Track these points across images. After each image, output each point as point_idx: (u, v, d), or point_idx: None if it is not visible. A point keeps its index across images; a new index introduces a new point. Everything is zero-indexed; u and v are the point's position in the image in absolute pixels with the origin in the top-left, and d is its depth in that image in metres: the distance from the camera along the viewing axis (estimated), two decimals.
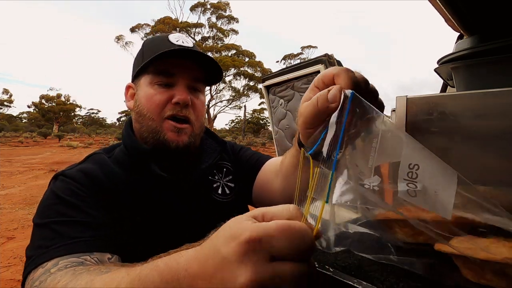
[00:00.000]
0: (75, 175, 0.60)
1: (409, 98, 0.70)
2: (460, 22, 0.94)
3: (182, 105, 0.65)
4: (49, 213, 0.54)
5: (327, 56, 1.35)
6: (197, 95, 0.70)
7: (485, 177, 0.53)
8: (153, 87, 0.66)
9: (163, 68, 0.66)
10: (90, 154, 0.71)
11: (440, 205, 0.27)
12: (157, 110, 0.65)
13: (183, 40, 0.68)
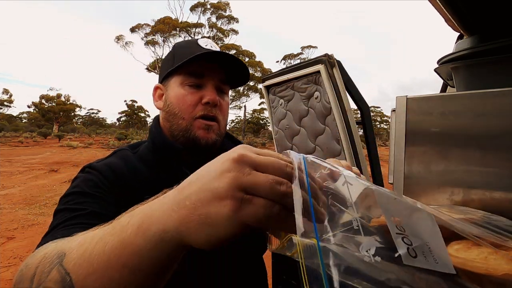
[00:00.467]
0: (101, 168, 0.63)
1: (409, 98, 0.70)
2: (460, 22, 0.94)
3: (212, 105, 0.69)
4: (67, 200, 0.56)
5: (327, 56, 1.35)
6: (223, 96, 0.74)
7: (485, 176, 0.53)
8: (183, 88, 0.70)
9: (194, 70, 0.70)
10: (116, 150, 0.73)
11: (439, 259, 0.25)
12: (188, 110, 0.69)
13: (211, 44, 0.73)
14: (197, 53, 0.66)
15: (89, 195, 0.57)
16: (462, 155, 0.52)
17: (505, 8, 0.81)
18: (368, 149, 1.44)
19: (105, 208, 0.56)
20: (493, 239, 0.29)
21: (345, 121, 1.35)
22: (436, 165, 0.59)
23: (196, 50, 0.68)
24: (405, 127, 0.65)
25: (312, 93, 1.53)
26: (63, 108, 42.29)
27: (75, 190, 0.58)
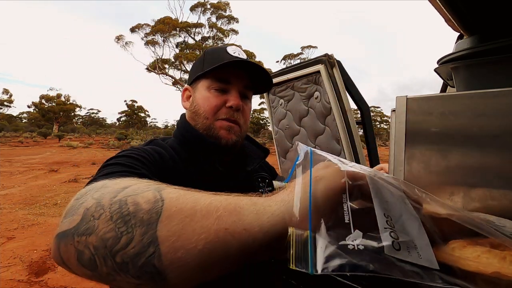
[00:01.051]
0: (147, 149, 0.63)
1: (409, 98, 0.70)
2: (460, 22, 0.94)
3: (235, 109, 0.74)
4: (116, 160, 0.54)
5: (327, 56, 1.35)
6: (246, 102, 0.79)
7: (485, 176, 0.53)
8: (209, 91, 0.75)
9: (221, 76, 0.74)
10: (151, 140, 0.75)
11: (423, 255, 0.27)
12: (213, 111, 0.74)
13: (239, 52, 0.77)
14: (225, 61, 0.71)
15: (140, 161, 0.56)
16: (462, 155, 0.52)
17: (505, 8, 0.81)
18: (368, 149, 1.44)
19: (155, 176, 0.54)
20: (492, 239, 0.29)
21: (345, 121, 1.35)
22: (436, 165, 0.59)
23: (225, 57, 0.73)
24: (405, 127, 0.65)
25: (312, 93, 1.53)
26: (63, 108, 42.28)
27: (125, 153, 0.58)
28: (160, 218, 0.30)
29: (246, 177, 0.81)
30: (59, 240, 0.32)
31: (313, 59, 1.44)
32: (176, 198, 0.33)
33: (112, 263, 0.29)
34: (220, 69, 0.73)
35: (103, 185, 0.36)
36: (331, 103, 1.38)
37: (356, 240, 0.27)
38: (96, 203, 0.32)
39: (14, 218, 4.32)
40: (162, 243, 0.29)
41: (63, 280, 2.70)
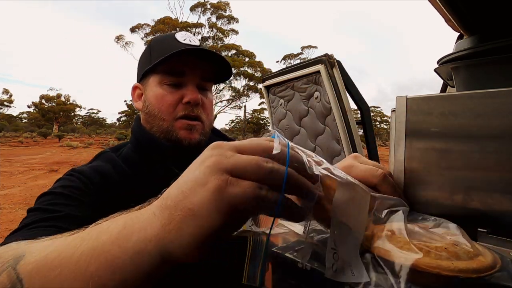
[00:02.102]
0: (87, 171, 0.60)
1: (409, 98, 0.70)
2: (460, 22, 0.94)
3: (193, 104, 0.66)
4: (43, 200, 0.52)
5: (327, 56, 1.35)
6: (206, 94, 0.71)
7: (485, 176, 0.53)
8: (162, 87, 0.66)
9: (173, 68, 0.66)
10: (100, 153, 0.71)
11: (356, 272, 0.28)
12: (169, 110, 0.66)
13: (190, 38, 0.68)
14: (174, 50, 0.62)
15: (67, 197, 0.53)
16: (462, 155, 0.52)
17: (505, 8, 0.81)
18: (368, 149, 1.44)
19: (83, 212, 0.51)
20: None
21: (345, 121, 1.35)
22: (436, 165, 0.59)
23: (174, 46, 0.64)
24: (405, 127, 0.65)
25: (312, 93, 1.53)
26: (63, 108, 42.29)
27: (53, 190, 0.54)
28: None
29: None
30: None
31: (313, 59, 1.44)
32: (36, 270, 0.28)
33: None
34: (170, 60, 0.64)
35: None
36: (331, 103, 1.38)
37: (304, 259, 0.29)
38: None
39: (14, 218, 4.32)
40: None
41: None
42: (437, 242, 0.30)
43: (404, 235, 0.31)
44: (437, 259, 0.27)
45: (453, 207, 0.61)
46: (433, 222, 0.38)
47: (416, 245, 0.29)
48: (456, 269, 0.26)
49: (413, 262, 0.26)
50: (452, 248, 0.28)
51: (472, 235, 0.53)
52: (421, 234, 0.32)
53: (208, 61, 0.68)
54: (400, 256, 0.28)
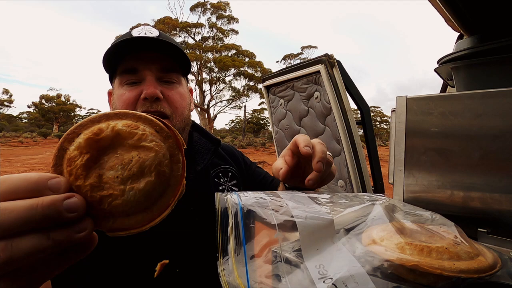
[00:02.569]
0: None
1: (409, 98, 0.70)
2: (460, 22, 0.94)
3: (151, 99, 0.61)
4: None
5: (327, 56, 1.35)
6: (171, 86, 0.66)
7: (485, 176, 0.53)
8: (123, 87, 0.64)
9: (127, 66, 0.63)
10: None
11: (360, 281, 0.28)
12: (129, 109, 0.65)
13: (146, 31, 0.63)
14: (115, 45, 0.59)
15: None
16: (462, 155, 0.52)
17: (505, 8, 0.81)
18: (368, 149, 1.44)
19: None
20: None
21: (345, 121, 1.35)
22: (436, 165, 0.59)
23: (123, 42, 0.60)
24: (405, 127, 0.65)
25: (312, 93, 1.53)
26: (63, 108, 42.28)
27: None
28: None
29: (198, 177, 0.70)
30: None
31: (313, 59, 1.44)
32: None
33: None
34: (124, 59, 0.61)
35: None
36: (331, 103, 1.38)
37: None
38: None
39: None
40: None
41: None
42: (437, 242, 0.30)
43: (405, 235, 0.31)
44: (438, 260, 0.27)
45: (453, 207, 0.61)
46: (429, 218, 0.38)
47: (417, 246, 0.29)
48: (457, 269, 0.26)
49: (416, 263, 0.26)
50: (453, 248, 0.29)
51: (472, 235, 0.53)
52: (420, 233, 0.32)
53: (165, 52, 0.64)
54: (402, 257, 0.28)
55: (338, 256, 0.29)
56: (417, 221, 0.37)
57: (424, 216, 0.38)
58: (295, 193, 0.40)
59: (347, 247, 0.30)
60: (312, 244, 0.30)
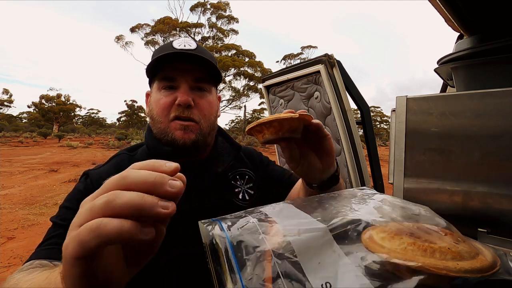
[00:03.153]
0: (95, 176, 0.67)
1: (409, 98, 0.70)
2: (460, 22, 0.94)
3: (184, 106, 0.69)
4: (59, 213, 0.62)
5: (327, 56, 1.35)
6: (202, 94, 0.73)
7: (485, 176, 0.53)
8: (160, 92, 0.72)
9: (166, 74, 0.71)
10: (115, 155, 0.77)
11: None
12: (164, 113, 0.70)
13: (186, 43, 0.72)
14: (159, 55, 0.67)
15: (73, 210, 0.60)
16: (462, 155, 0.52)
17: (505, 8, 0.81)
18: (368, 149, 1.44)
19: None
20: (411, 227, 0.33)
21: (345, 121, 1.35)
22: (436, 165, 0.59)
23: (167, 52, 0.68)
24: (405, 127, 0.65)
25: (312, 93, 1.53)
26: (63, 108, 42.27)
27: (65, 204, 0.63)
28: None
29: (218, 179, 0.77)
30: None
31: (313, 59, 1.44)
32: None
33: None
34: (164, 66, 0.70)
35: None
36: (331, 103, 1.38)
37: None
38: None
39: (14, 218, 4.31)
40: None
41: None
42: (438, 242, 0.30)
43: (405, 235, 0.31)
44: (442, 260, 0.27)
45: (453, 207, 0.61)
46: (419, 213, 0.38)
47: (420, 246, 0.29)
48: (462, 269, 0.26)
49: (421, 264, 0.26)
50: (455, 248, 0.29)
51: (472, 235, 0.53)
52: (420, 233, 0.32)
53: (199, 64, 0.71)
54: (407, 257, 0.28)
55: (343, 271, 0.29)
56: (408, 217, 0.37)
57: (414, 210, 0.38)
58: (283, 207, 0.39)
59: (351, 258, 0.29)
60: (312, 259, 0.29)
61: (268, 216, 0.35)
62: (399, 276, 0.27)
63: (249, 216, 0.35)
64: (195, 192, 0.72)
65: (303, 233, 0.31)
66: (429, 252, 0.28)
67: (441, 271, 0.26)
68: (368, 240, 0.31)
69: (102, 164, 0.74)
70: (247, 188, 0.81)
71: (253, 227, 0.33)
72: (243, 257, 0.29)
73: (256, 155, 0.91)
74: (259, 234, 0.31)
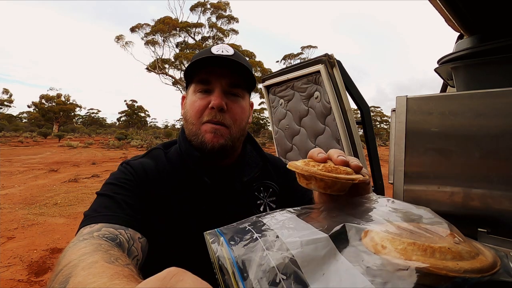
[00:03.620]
0: (136, 165, 0.72)
1: (409, 98, 0.70)
2: (460, 22, 0.94)
3: (217, 109, 0.71)
4: (107, 188, 0.66)
5: (327, 56, 1.35)
6: (236, 100, 0.75)
7: (484, 176, 0.53)
8: (195, 95, 0.74)
9: (202, 77, 0.73)
10: (152, 149, 0.80)
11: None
12: (197, 115, 0.73)
13: (223, 49, 0.74)
14: (197, 59, 0.69)
15: (122, 187, 0.66)
16: (462, 155, 0.52)
17: (505, 8, 0.81)
18: (368, 149, 1.44)
19: (133, 199, 0.65)
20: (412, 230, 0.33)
21: (345, 121, 1.35)
22: (436, 165, 0.59)
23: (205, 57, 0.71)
24: (405, 127, 0.65)
25: (312, 93, 1.53)
26: (63, 108, 42.27)
27: (113, 182, 0.67)
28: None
29: (244, 187, 0.78)
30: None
31: (313, 59, 1.44)
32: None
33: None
34: (200, 70, 0.72)
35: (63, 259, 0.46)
36: (331, 103, 1.38)
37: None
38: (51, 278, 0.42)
39: (14, 218, 4.31)
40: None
41: None
42: (438, 242, 0.30)
43: (407, 235, 0.31)
44: (442, 260, 0.27)
45: (453, 207, 0.61)
46: (420, 214, 0.38)
47: (420, 246, 0.29)
48: (462, 269, 0.26)
49: (421, 263, 0.26)
50: (455, 248, 0.29)
51: (472, 235, 0.53)
52: (419, 233, 0.32)
53: (235, 69, 0.73)
54: (407, 257, 0.28)
55: (346, 276, 0.29)
56: (409, 219, 0.37)
57: (414, 212, 0.38)
58: (285, 219, 0.39)
59: (352, 261, 0.29)
60: (316, 271, 0.30)
61: (271, 229, 0.35)
62: (399, 276, 0.27)
63: (253, 231, 0.36)
64: (219, 197, 0.74)
65: (305, 245, 0.31)
66: (429, 252, 0.28)
67: (441, 271, 0.26)
68: (369, 241, 0.31)
69: (140, 156, 0.77)
70: (270, 201, 0.82)
71: (257, 244, 0.33)
72: (248, 276, 0.30)
73: (282, 167, 0.92)
74: (263, 251, 0.32)
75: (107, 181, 0.69)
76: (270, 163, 0.89)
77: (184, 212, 0.70)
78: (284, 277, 0.29)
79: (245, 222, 0.39)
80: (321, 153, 0.48)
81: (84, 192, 6.06)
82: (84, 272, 0.41)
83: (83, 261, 0.44)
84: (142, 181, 0.69)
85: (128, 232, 0.58)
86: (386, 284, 0.26)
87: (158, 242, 0.66)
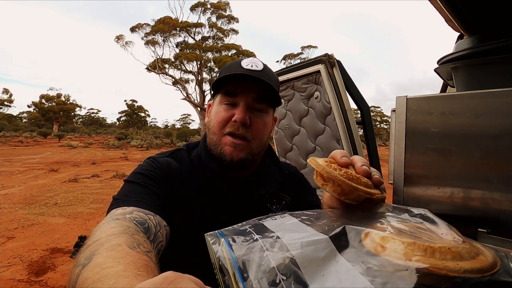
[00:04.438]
0: (162, 162, 0.74)
1: (409, 98, 0.70)
2: (460, 22, 0.94)
3: (240, 123, 0.72)
4: (136, 177, 0.69)
5: (327, 56, 1.35)
6: (259, 115, 0.76)
7: (485, 176, 0.53)
8: (221, 106, 0.75)
9: (228, 90, 0.74)
10: (175, 150, 0.83)
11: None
12: (219, 126, 0.74)
13: (253, 64, 0.75)
14: (227, 74, 0.71)
15: (151, 178, 0.69)
16: (462, 155, 0.52)
17: (505, 8, 0.81)
18: (368, 149, 1.44)
19: (161, 191, 0.68)
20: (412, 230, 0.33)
21: (345, 121, 1.35)
22: (436, 165, 0.59)
23: (234, 71, 0.72)
24: (405, 127, 0.65)
25: (312, 93, 1.53)
26: (63, 108, 42.25)
27: (143, 172, 0.70)
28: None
29: (259, 198, 0.79)
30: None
31: (313, 59, 1.44)
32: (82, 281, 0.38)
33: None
34: (227, 83, 0.73)
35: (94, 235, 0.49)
36: (331, 103, 1.38)
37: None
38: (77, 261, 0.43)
39: (14, 218, 4.31)
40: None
41: (63, 279, 2.70)
42: (438, 242, 0.30)
43: (407, 236, 0.31)
44: (442, 260, 0.27)
45: (453, 207, 0.61)
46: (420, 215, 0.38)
47: (421, 246, 0.29)
48: (462, 269, 0.26)
49: (421, 264, 0.26)
50: (455, 248, 0.29)
51: (472, 235, 0.53)
52: (420, 233, 0.32)
53: (261, 85, 0.73)
54: (407, 258, 0.28)
55: (346, 277, 0.29)
56: (408, 220, 0.37)
57: (414, 212, 0.38)
58: (285, 221, 0.39)
59: (352, 262, 0.29)
60: (316, 271, 0.29)
61: (271, 230, 0.35)
62: (399, 276, 0.27)
63: (254, 233, 0.36)
64: (234, 206, 0.75)
65: (305, 246, 0.31)
66: (429, 252, 0.28)
67: (441, 271, 0.26)
68: (369, 242, 0.31)
69: (165, 155, 0.79)
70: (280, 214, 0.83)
71: (257, 245, 0.33)
72: (249, 277, 0.30)
73: (297, 177, 0.92)
74: (264, 252, 0.32)
75: (135, 171, 0.71)
76: (288, 170, 0.89)
77: (204, 216, 0.71)
78: (284, 278, 0.29)
79: (246, 224, 0.39)
80: (344, 157, 0.47)
81: (84, 192, 6.06)
82: (106, 253, 0.43)
83: (109, 241, 0.46)
84: (167, 178, 0.71)
85: (156, 218, 0.61)
86: (386, 284, 0.26)
87: (181, 242, 0.67)
